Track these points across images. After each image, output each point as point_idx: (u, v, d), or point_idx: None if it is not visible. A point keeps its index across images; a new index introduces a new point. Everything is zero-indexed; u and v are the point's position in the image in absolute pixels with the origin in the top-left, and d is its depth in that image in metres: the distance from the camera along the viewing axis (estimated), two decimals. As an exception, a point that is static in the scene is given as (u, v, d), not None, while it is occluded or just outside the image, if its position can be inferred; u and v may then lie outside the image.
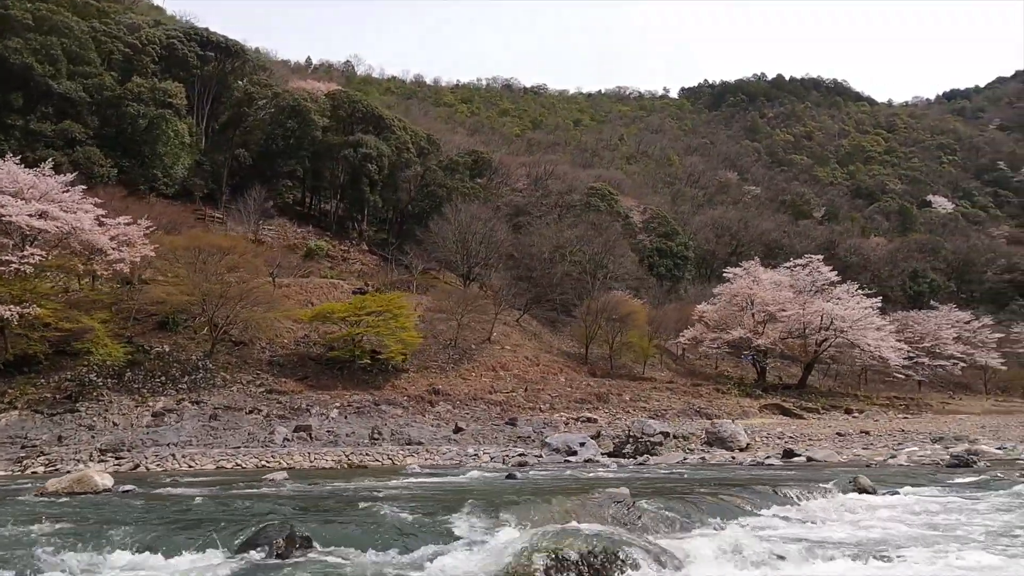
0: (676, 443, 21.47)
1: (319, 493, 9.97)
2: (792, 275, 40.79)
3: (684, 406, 31.41)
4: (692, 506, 6.30)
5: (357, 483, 11.49)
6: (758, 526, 6.15)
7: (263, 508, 7.34)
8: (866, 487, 8.31)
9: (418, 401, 24.92)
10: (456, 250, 40.49)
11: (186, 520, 6.67)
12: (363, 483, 11.43)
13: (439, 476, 13.14)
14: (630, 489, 7.35)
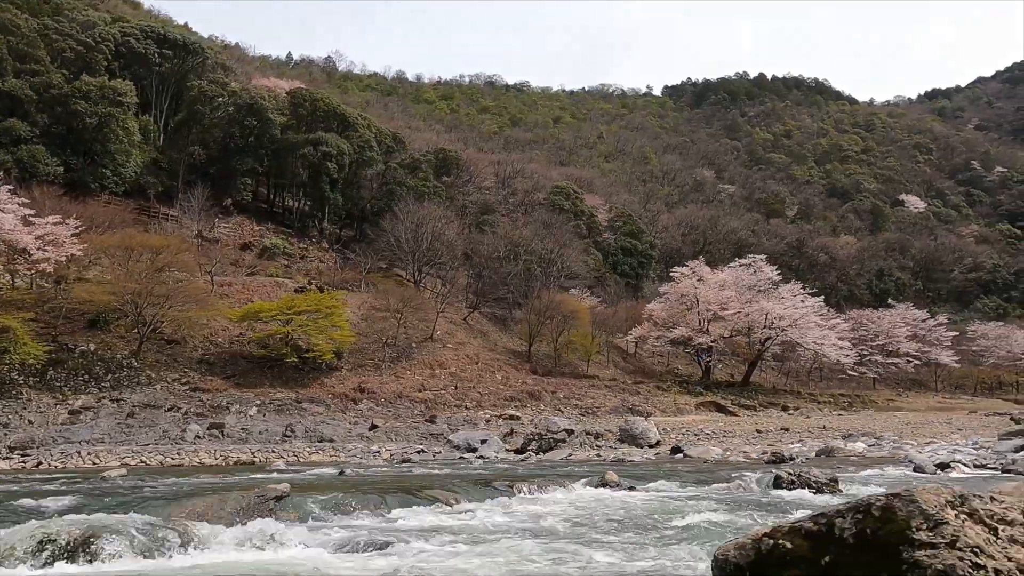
0: (588, 440, 21.99)
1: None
2: (736, 275, 41.44)
3: (619, 403, 31.97)
4: (375, 500, 6.90)
5: (185, 479, 11.97)
6: (399, 517, 6.78)
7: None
8: (610, 482, 8.82)
9: (342, 399, 25.35)
10: (407, 249, 40.85)
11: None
12: (195, 480, 11.91)
13: (293, 473, 13.63)
14: (413, 481, 7.82)
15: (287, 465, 16.24)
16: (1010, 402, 50.26)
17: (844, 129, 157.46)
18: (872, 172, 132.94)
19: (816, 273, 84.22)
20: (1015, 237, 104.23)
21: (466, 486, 8.03)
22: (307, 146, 50.54)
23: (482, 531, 6.33)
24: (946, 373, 58.08)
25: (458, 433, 19.96)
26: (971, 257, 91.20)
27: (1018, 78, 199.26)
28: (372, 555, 5.49)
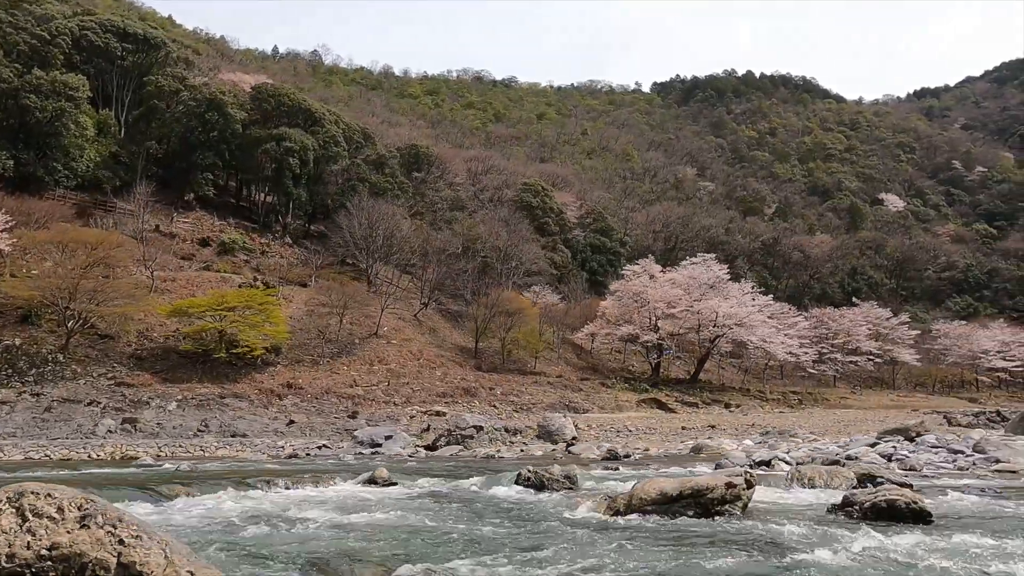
0: (503, 437, 22.29)
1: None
2: (688, 273, 41.77)
3: (557, 400, 32.29)
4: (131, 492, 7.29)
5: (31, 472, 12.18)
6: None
7: None
8: (378, 478, 9.11)
9: (268, 395, 25.60)
10: (360, 245, 41.06)
11: None
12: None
13: (144, 468, 13.92)
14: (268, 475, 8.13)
15: (163, 460, 16.45)
16: (965, 400, 50.78)
17: (829, 127, 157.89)
18: (854, 171, 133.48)
19: (789, 271, 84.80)
20: (991, 237, 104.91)
21: (225, 481, 8.29)
22: (270, 141, 50.60)
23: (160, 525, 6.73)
24: (906, 371, 58.61)
25: (364, 429, 20.21)
26: (945, 256, 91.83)
27: (1006, 78, 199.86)
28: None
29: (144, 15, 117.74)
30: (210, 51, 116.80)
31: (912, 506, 5.56)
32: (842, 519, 5.78)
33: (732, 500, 5.74)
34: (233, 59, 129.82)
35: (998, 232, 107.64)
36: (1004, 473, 10.24)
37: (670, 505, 5.74)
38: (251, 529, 6.26)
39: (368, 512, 7.09)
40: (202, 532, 6.11)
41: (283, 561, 4.99)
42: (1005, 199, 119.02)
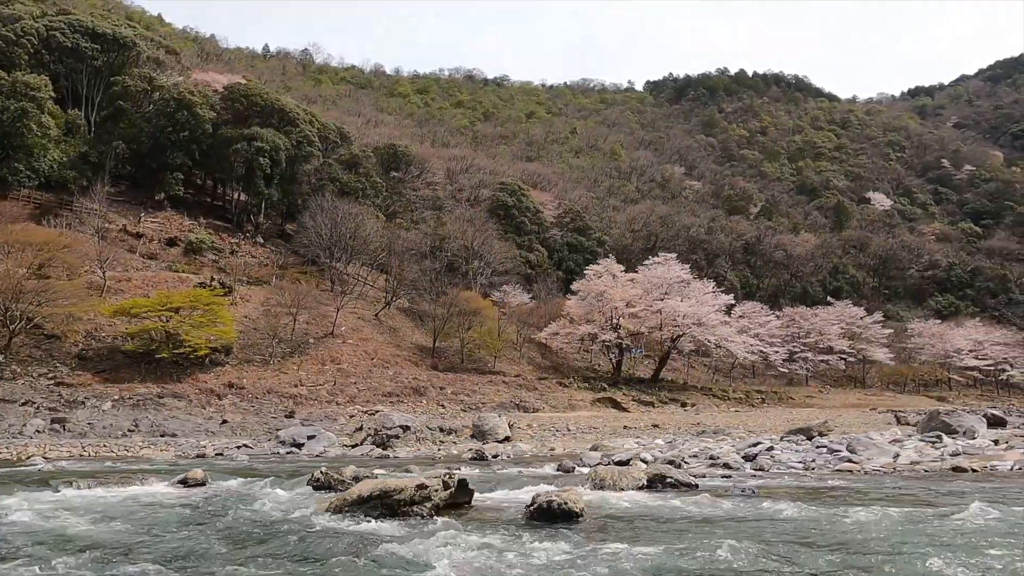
0: (433, 436, 22.45)
1: None
2: (651, 273, 41.89)
3: (509, 399, 32.43)
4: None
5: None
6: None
7: None
8: (190, 480, 9.27)
9: (208, 394, 25.75)
10: (323, 244, 41.20)
11: None
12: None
13: (17, 469, 14.08)
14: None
15: (76, 460, 16.61)
16: (933, 399, 50.89)
17: (820, 126, 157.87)
18: (843, 169, 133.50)
19: (771, 270, 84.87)
20: (975, 235, 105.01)
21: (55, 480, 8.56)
22: (241, 141, 50.72)
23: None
24: (879, 370, 58.75)
25: (287, 429, 20.37)
26: (928, 255, 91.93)
27: (999, 76, 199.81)
28: None
29: (131, 14, 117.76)
30: (197, 50, 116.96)
31: (563, 507, 5.73)
32: (522, 520, 5.97)
33: (421, 501, 5.90)
34: (221, 58, 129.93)
35: (984, 231, 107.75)
36: (843, 472, 10.39)
37: (362, 505, 5.92)
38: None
39: (104, 517, 7.22)
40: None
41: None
42: (992, 198, 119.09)
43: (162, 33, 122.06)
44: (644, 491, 8.02)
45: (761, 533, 5.80)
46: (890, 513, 6.55)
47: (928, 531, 5.81)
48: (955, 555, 4.99)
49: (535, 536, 5.41)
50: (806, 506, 6.98)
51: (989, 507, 6.63)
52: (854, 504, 7.13)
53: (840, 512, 6.53)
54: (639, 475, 8.47)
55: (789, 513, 6.62)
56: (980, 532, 5.79)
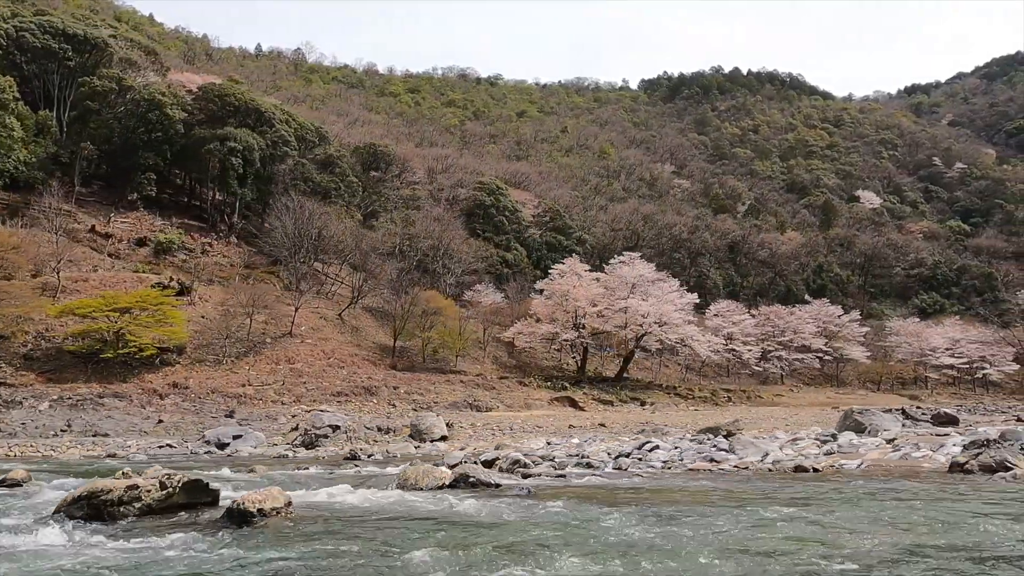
0: (367, 435, 22.50)
1: None
2: (619, 273, 41.88)
3: (463, 398, 32.47)
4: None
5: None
6: None
7: None
8: (8, 480, 9.34)
9: (150, 394, 25.85)
10: (286, 244, 41.29)
11: None
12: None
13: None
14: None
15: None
16: (905, 398, 50.85)
17: (813, 124, 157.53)
18: (834, 168, 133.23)
19: (755, 269, 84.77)
20: (964, 234, 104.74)
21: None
22: (214, 141, 50.85)
23: None
24: (855, 368, 58.69)
25: (213, 429, 20.45)
26: (914, 254, 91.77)
27: (995, 74, 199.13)
28: None
29: (120, 14, 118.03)
30: (185, 50, 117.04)
31: (241, 508, 5.77)
32: (205, 520, 6.02)
33: (129, 502, 5.94)
34: (212, 57, 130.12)
35: (973, 229, 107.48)
36: (693, 472, 10.41)
37: (74, 505, 5.98)
38: None
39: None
40: None
41: None
42: (982, 196, 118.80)
43: (152, 33, 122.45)
44: (446, 490, 8.07)
45: (449, 532, 5.86)
46: (623, 513, 6.59)
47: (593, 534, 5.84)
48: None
49: (186, 538, 5.43)
50: (560, 507, 7.02)
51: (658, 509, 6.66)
52: (620, 504, 7.17)
53: (579, 514, 6.59)
54: (442, 475, 8.51)
55: (520, 513, 6.65)
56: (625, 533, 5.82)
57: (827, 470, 10.07)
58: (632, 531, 5.90)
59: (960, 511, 6.69)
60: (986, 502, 7.17)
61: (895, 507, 6.99)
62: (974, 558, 5.08)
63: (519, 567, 4.73)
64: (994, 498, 7.38)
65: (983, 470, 8.67)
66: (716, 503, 7.37)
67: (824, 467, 10.23)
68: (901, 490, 8.13)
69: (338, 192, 55.08)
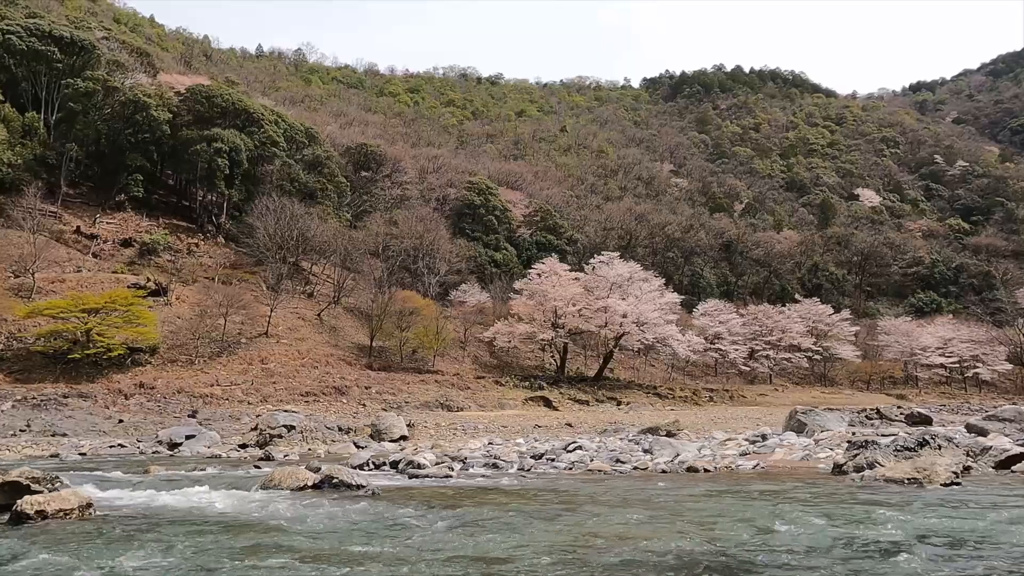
0: (324, 435, 22.59)
1: None
2: (601, 272, 41.83)
3: (436, 398, 32.52)
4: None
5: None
6: None
7: None
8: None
9: (116, 394, 26.02)
10: (268, 244, 41.46)
11: None
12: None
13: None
14: None
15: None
16: (893, 397, 50.55)
17: (815, 122, 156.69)
18: (835, 166, 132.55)
19: (750, 268, 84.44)
20: (963, 232, 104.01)
21: None
22: (201, 142, 51.11)
23: None
24: (844, 368, 58.44)
25: (167, 429, 20.57)
26: (911, 252, 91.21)
27: (1001, 71, 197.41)
28: None
29: (119, 16, 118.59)
30: (184, 51, 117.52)
31: (19, 509, 5.83)
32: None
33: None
34: (211, 58, 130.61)
35: (973, 227, 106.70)
36: (588, 473, 10.40)
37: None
38: None
39: None
40: None
41: None
42: (983, 194, 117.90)
43: (151, 34, 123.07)
44: (308, 491, 8.11)
45: (216, 536, 5.90)
46: (434, 518, 6.66)
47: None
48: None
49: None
50: (381, 510, 7.06)
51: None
52: (449, 507, 7.21)
53: (387, 519, 6.64)
54: (305, 477, 8.54)
55: (333, 518, 6.70)
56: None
57: (722, 471, 10.04)
58: (412, 537, 5.98)
59: (757, 510, 6.73)
60: (798, 502, 7.24)
61: (711, 506, 7.05)
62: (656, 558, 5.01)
63: (227, 570, 4.80)
64: (818, 499, 7.44)
65: (856, 470, 8.62)
66: (542, 506, 7.45)
67: (721, 468, 10.20)
68: (753, 490, 8.15)
69: (324, 192, 55.28)
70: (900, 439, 9.70)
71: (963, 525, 6.04)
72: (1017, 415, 11.93)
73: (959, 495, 7.40)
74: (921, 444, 9.09)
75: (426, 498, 7.80)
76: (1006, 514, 6.43)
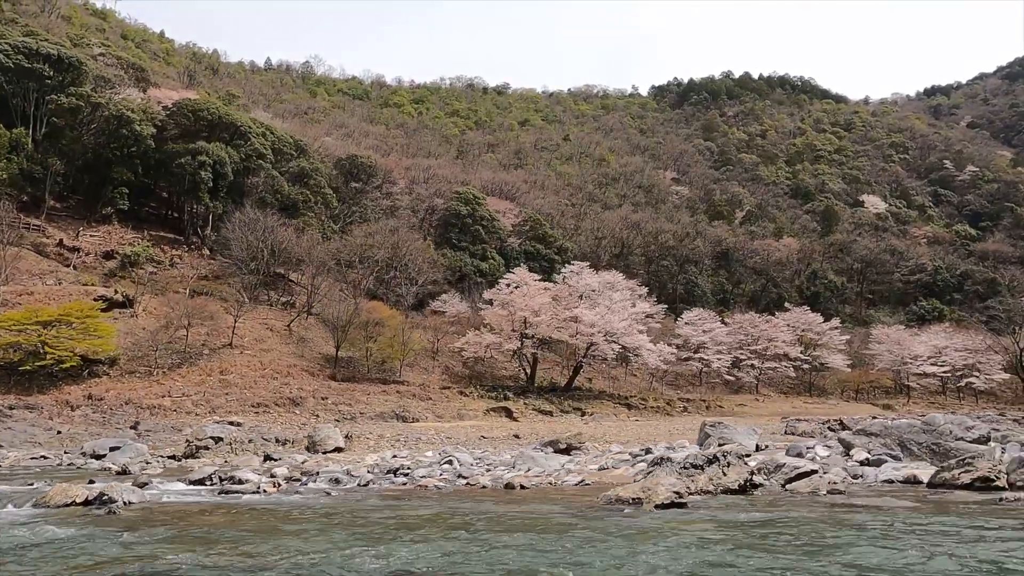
0: (265, 447, 22.65)
1: None
2: (572, 282, 41.67)
3: (393, 409, 32.49)
4: None
5: None
6: None
7: None
8: None
9: (63, 406, 26.35)
10: (240, 256, 41.86)
11: None
12: None
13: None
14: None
15: None
16: (879, 407, 49.65)
17: (823, 128, 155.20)
18: (841, 172, 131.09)
19: (748, 276, 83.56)
20: (970, 238, 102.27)
21: None
22: (186, 155, 51.87)
23: None
24: (834, 377, 57.54)
25: (92, 441, 20.76)
26: (914, 259, 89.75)
27: (1017, 74, 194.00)
28: None
29: (127, 31, 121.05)
30: (189, 65, 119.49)
31: None
32: None
33: None
34: (217, 72, 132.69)
35: (980, 234, 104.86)
36: (420, 487, 10.28)
37: None
38: None
39: None
40: None
41: None
42: (993, 199, 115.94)
43: (158, 49, 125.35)
44: (74, 507, 8.13)
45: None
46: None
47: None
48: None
49: None
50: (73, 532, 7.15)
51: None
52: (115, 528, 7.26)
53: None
54: (74, 494, 8.56)
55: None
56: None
57: (545, 487, 9.88)
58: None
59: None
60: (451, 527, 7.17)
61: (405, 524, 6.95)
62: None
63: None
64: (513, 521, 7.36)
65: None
66: (239, 529, 7.51)
67: (544, 484, 10.05)
68: (467, 509, 8.10)
69: (307, 204, 55.76)
70: (691, 456, 9.46)
71: (592, 556, 5.90)
72: (883, 430, 11.60)
73: (661, 517, 7.30)
74: (710, 461, 8.84)
75: (171, 520, 7.78)
76: (656, 546, 6.24)
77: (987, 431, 11.53)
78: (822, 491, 8.38)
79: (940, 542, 6.31)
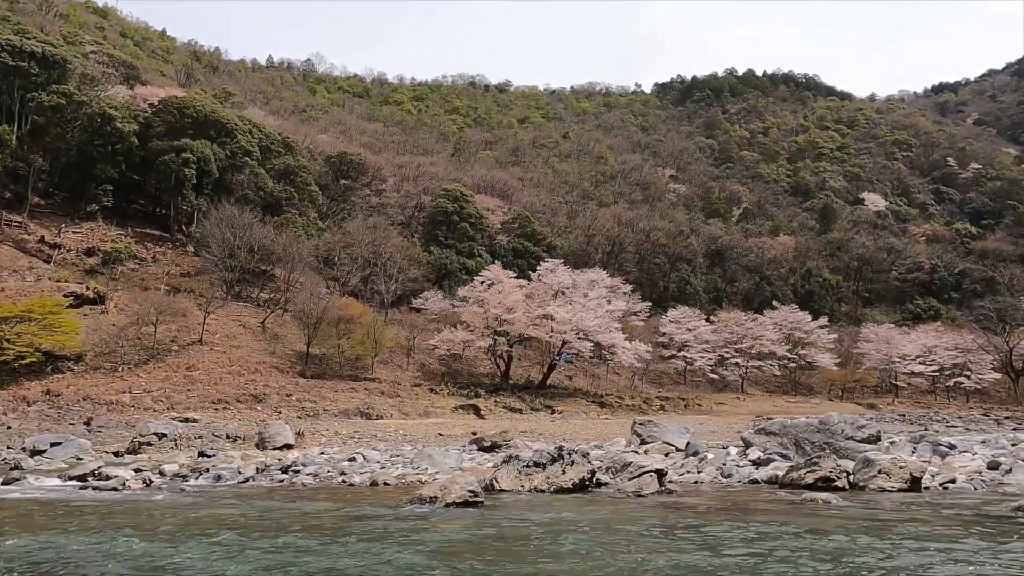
0: (211, 444, 22.62)
1: None
2: (548, 280, 41.47)
3: (357, 406, 32.42)
4: None
5: None
6: None
7: None
8: None
9: (19, 401, 26.46)
10: (218, 253, 41.92)
11: None
12: None
13: None
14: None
15: None
16: (863, 406, 49.14)
17: (825, 126, 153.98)
18: (842, 170, 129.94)
19: (742, 274, 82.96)
20: (970, 236, 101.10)
21: None
22: (170, 152, 52.02)
23: None
24: (820, 376, 57.08)
25: (33, 436, 20.82)
26: (911, 257, 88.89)
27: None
28: None
29: (127, 30, 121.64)
30: (187, 63, 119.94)
31: None
32: None
33: None
34: (217, 70, 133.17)
35: (982, 232, 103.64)
36: (278, 486, 10.14)
37: None
38: None
39: None
40: None
41: None
42: (995, 197, 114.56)
43: (158, 47, 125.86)
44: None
45: None
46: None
47: None
48: None
49: None
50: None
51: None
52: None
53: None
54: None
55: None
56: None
57: (413, 484, 9.73)
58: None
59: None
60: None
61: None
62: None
63: None
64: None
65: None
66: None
67: (410, 481, 9.89)
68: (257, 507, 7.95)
69: (291, 201, 55.79)
70: (537, 454, 9.28)
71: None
72: (782, 429, 11.37)
73: (445, 516, 7.16)
74: (554, 459, 8.65)
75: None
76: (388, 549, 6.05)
77: (877, 431, 11.30)
78: (645, 491, 8.21)
79: (670, 545, 6.22)
